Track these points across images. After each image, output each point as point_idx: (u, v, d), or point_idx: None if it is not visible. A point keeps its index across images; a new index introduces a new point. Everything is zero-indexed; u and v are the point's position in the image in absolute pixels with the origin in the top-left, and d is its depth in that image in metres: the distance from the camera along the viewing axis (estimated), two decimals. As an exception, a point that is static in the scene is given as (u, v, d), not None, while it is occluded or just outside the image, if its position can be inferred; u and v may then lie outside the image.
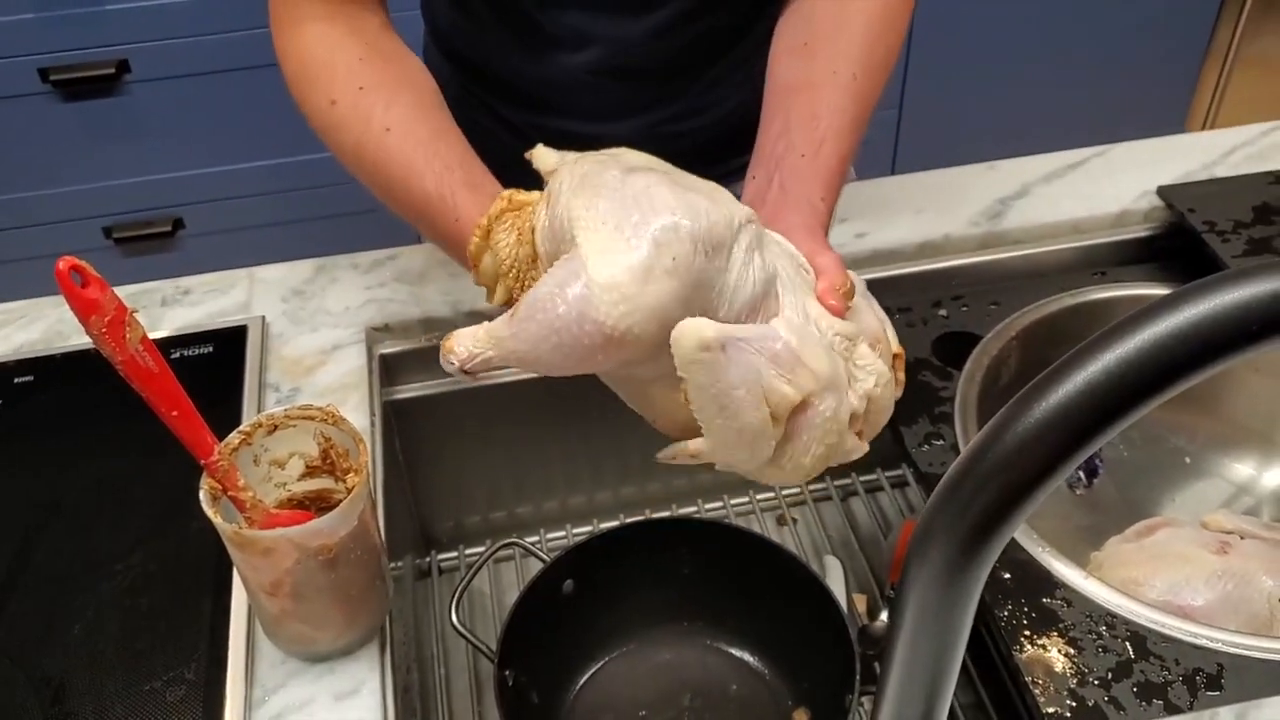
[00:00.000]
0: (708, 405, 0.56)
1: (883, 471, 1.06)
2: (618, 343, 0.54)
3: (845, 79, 0.76)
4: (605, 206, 0.56)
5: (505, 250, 0.63)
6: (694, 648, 0.90)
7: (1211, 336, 0.33)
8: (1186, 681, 0.68)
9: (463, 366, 0.58)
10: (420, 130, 0.73)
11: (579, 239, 0.55)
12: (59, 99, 1.82)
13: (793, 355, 0.56)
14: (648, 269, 0.53)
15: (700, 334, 0.54)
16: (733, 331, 0.55)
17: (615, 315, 0.53)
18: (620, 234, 0.54)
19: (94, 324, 0.56)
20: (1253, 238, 0.95)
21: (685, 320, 0.54)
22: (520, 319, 0.56)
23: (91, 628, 0.71)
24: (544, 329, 0.55)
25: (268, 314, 0.92)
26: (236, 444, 0.65)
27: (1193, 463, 0.98)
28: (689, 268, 0.54)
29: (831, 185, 0.71)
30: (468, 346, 0.58)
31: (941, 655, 0.41)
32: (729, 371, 0.55)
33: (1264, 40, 2.20)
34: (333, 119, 0.76)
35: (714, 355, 0.54)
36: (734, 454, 0.58)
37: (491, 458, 1.00)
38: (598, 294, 0.53)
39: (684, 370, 0.55)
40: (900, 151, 2.23)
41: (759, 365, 0.55)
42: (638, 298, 0.53)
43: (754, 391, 0.55)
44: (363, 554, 0.66)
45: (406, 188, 0.72)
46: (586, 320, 0.54)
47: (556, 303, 0.54)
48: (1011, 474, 0.35)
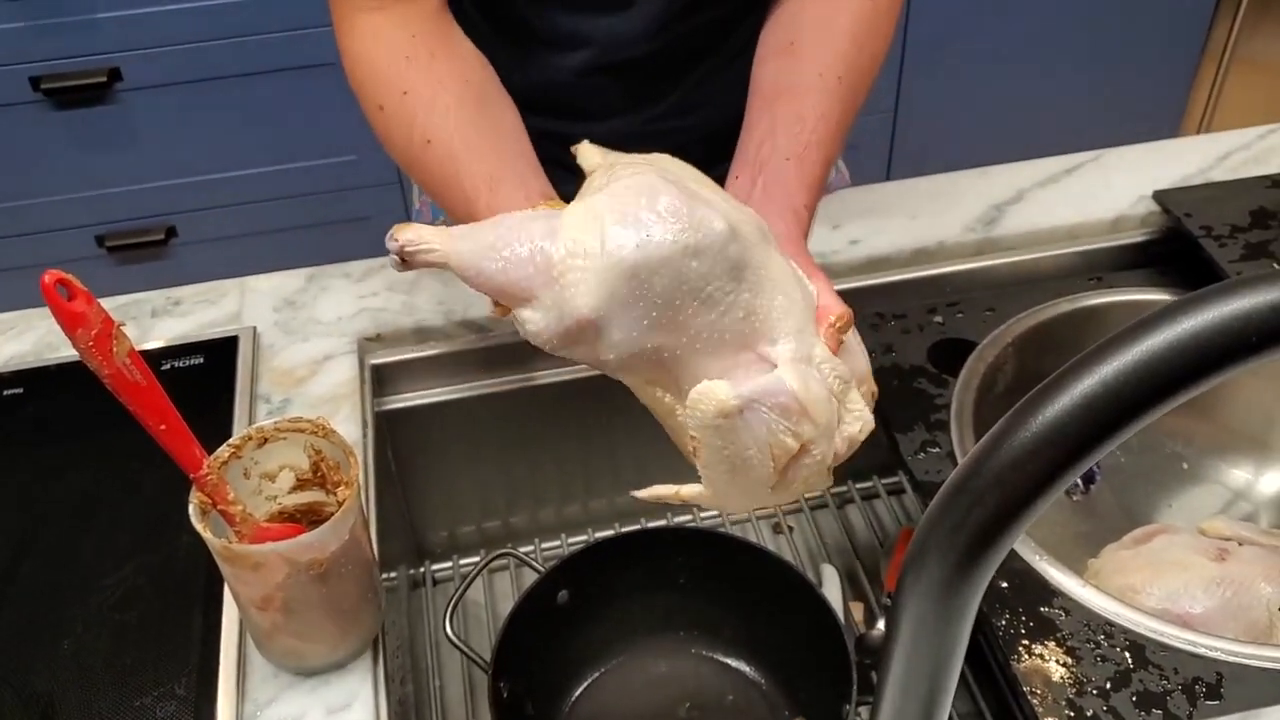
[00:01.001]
0: (718, 464, 0.56)
1: (879, 479, 1.06)
2: (556, 285, 0.54)
3: (831, 82, 0.75)
4: (624, 187, 0.56)
5: None
6: (690, 658, 0.90)
7: (1210, 348, 0.32)
8: (1186, 691, 0.68)
9: (402, 247, 0.58)
10: (455, 142, 0.73)
11: (584, 200, 0.56)
12: (50, 107, 1.81)
13: (798, 406, 0.55)
14: (618, 234, 0.53)
15: (721, 402, 0.54)
16: (750, 394, 0.55)
17: (565, 254, 0.54)
18: (618, 212, 0.54)
19: (80, 337, 0.55)
20: (1250, 242, 0.95)
21: (705, 384, 0.54)
22: (482, 226, 0.57)
23: (81, 643, 0.71)
24: (496, 244, 0.55)
25: (259, 324, 0.92)
26: (226, 457, 0.65)
27: (1190, 468, 0.98)
28: (672, 273, 0.54)
29: (814, 191, 0.71)
30: (416, 233, 0.58)
31: (938, 671, 0.41)
32: (744, 435, 0.55)
33: (1260, 42, 2.20)
34: (380, 124, 0.77)
35: (732, 422, 0.54)
36: (732, 501, 0.59)
37: (485, 467, 1.00)
38: (563, 232, 0.54)
39: (698, 433, 0.55)
40: (895, 156, 2.22)
41: (770, 423, 0.55)
42: (597, 257, 0.53)
43: (763, 449, 0.56)
44: (354, 567, 0.65)
45: (446, 196, 0.73)
46: (539, 252, 0.54)
47: (524, 232, 0.55)
48: (1007, 489, 0.34)
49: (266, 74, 1.85)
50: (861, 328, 0.92)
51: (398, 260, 0.58)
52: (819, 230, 0.99)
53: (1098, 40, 2.16)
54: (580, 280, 0.54)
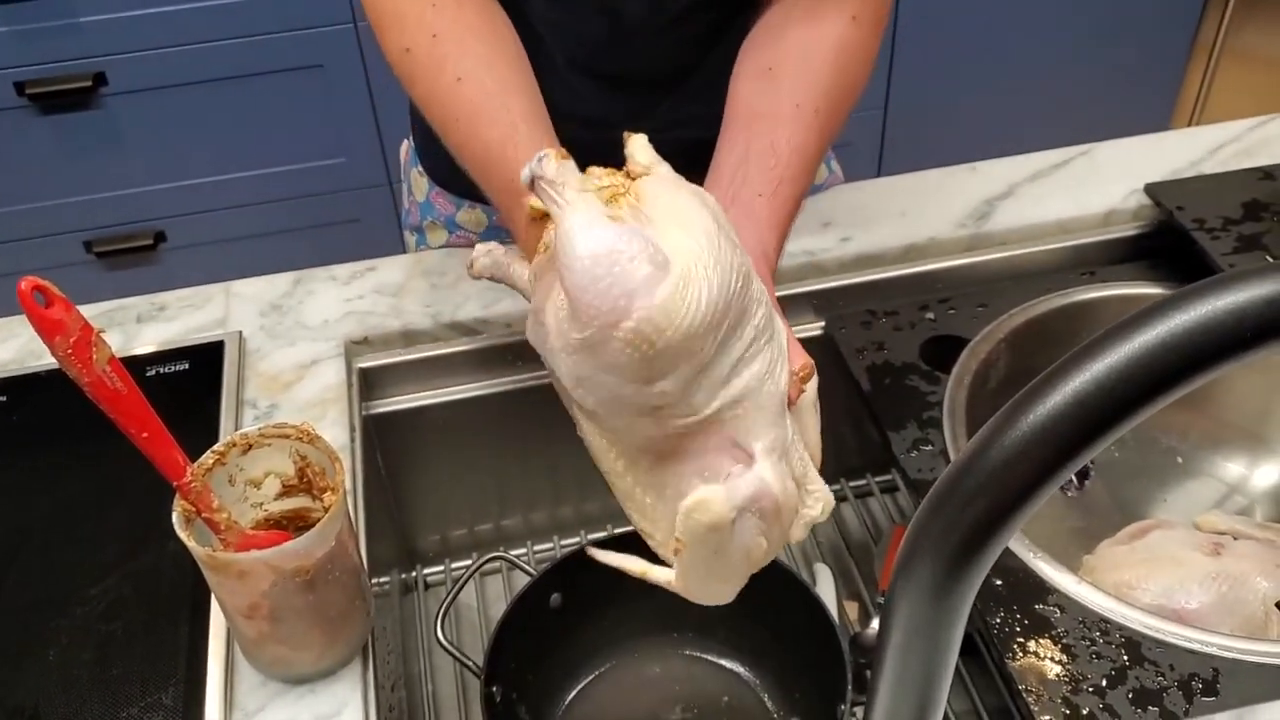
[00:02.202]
0: (697, 565, 0.57)
1: (872, 477, 1.05)
2: (614, 339, 0.51)
3: (808, 115, 0.75)
4: (696, 237, 0.54)
5: (599, 183, 0.59)
6: (684, 660, 0.89)
7: (1204, 344, 0.32)
8: (1182, 687, 0.67)
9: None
10: (490, 82, 0.72)
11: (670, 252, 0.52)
12: (36, 112, 1.80)
13: (776, 509, 0.56)
14: (706, 329, 0.52)
15: (719, 515, 0.54)
16: (742, 504, 0.54)
17: (643, 329, 0.51)
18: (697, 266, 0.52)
19: (59, 345, 0.54)
20: (1242, 234, 0.94)
21: (703, 493, 0.54)
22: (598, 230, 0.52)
23: (65, 654, 0.70)
24: (599, 266, 0.50)
25: (245, 329, 0.91)
26: (210, 464, 0.64)
27: (1184, 462, 0.98)
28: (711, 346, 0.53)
29: (783, 229, 0.71)
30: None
31: (931, 672, 0.40)
32: (732, 543, 0.55)
33: (1249, 35, 2.20)
34: (405, 67, 0.75)
35: (726, 533, 0.54)
36: (702, 594, 0.59)
37: (476, 470, 0.99)
38: (658, 305, 0.51)
39: (687, 537, 0.55)
40: (885, 153, 2.22)
41: (752, 528, 0.55)
42: (672, 342, 0.51)
43: (743, 553, 0.56)
44: (341, 574, 0.64)
45: (473, 135, 0.71)
46: (625, 298, 0.50)
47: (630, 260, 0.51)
48: (998, 489, 0.34)
49: (254, 76, 1.84)
50: (853, 325, 0.93)
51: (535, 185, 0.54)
52: (810, 228, 0.98)
53: (1088, 34, 2.16)
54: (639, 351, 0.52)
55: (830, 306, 0.97)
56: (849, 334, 0.93)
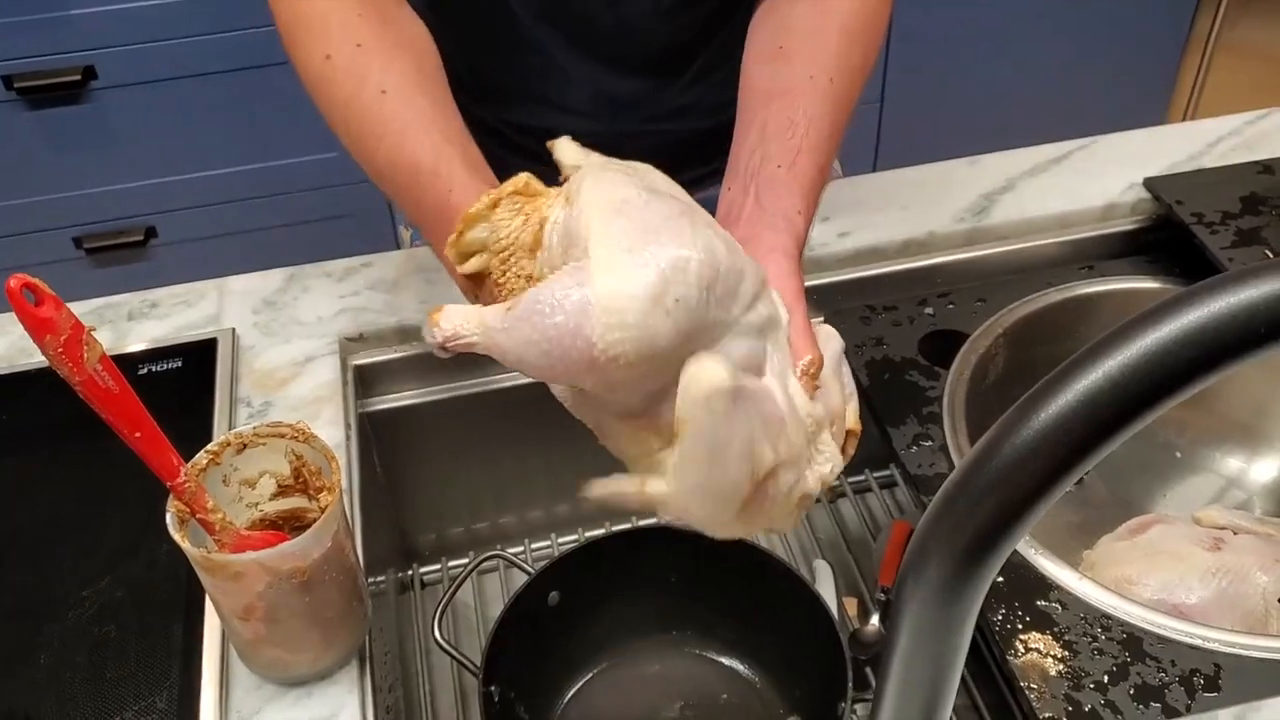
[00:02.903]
0: (699, 452, 0.54)
1: (871, 473, 1.04)
2: (602, 366, 0.53)
3: (822, 84, 0.73)
4: (624, 225, 0.54)
5: (506, 229, 0.60)
6: (683, 657, 0.88)
7: (1217, 340, 0.31)
8: (1184, 683, 0.67)
9: (444, 343, 0.57)
10: (419, 98, 0.70)
11: (593, 251, 0.53)
12: (24, 107, 1.79)
13: (780, 421, 0.54)
14: (653, 300, 0.52)
15: (719, 381, 0.52)
16: (746, 383, 0.53)
17: (609, 339, 0.52)
18: (633, 258, 0.52)
19: (49, 344, 0.53)
20: (1241, 228, 0.94)
21: (702, 360, 0.53)
22: (516, 316, 0.54)
23: (58, 658, 0.69)
24: (535, 333, 0.53)
25: (238, 326, 0.90)
26: (204, 464, 0.63)
27: (1183, 457, 0.97)
28: (690, 310, 0.53)
29: (809, 196, 0.69)
30: (455, 324, 0.57)
31: (938, 675, 0.40)
32: (731, 423, 0.53)
33: (1244, 29, 2.19)
34: (326, 73, 0.72)
35: (725, 404, 0.53)
36: (698, 507, 0.57)
37: (473, 467, 0.98)
38: (598, 314, 0.52)
39: (687, 412, 0.53)
40: (882, 147, 2.21)
41: (757, 423, 0.54)
42: (635, 328, 0.52)
43: (745, 449, 0.54)
44: (338, 574, 0.64)
45: (399, 151, 0.68)
46: (580, 336, 0.52)
47: (556, 311, 0.53)
48: (1008, 489, 0.33)
49: (244, 70, 1.83)
50: (852, 320, 0.93)
51: (440, 350, 0.58)
52: (806, 222, 0.98)
53: (1082, 28, 2.16)
54: (619, 352, 0.52)
55: (829, 301, 0.96)
56: (848, 329, 0.92)
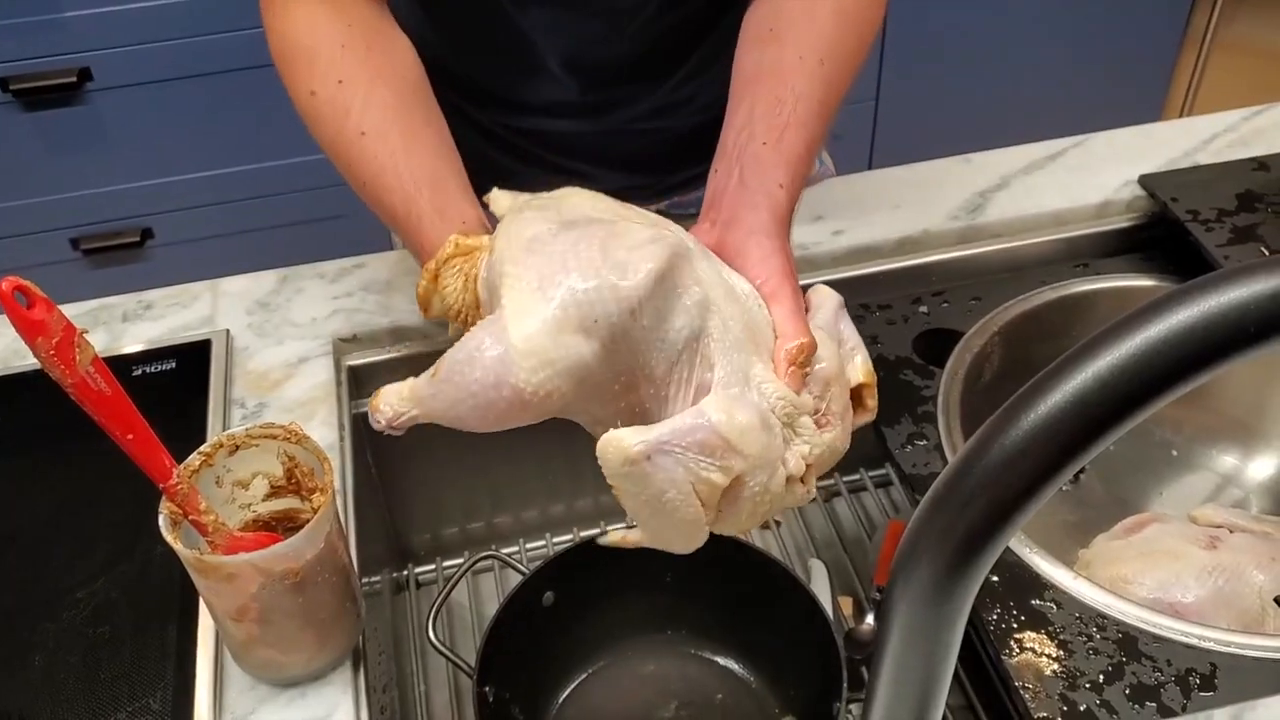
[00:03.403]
0: (640, 510, 0.56)
1: (866, 472, 1.04)
2: (537, 406, 0.54)
3: (812, 65, 0.73)
4: (532, 263, 0.56)
5: (452, 296, 0.63)
6: (678, 657, 0.88)
7: (1207, 340, 0.31)
8: (1179, 683, 0.67)
9: (389, 424, 0.59)
10: (394, 137, 0.71)
11: (504, 298, 0.55)
12: (20, 109, 1.79)
13: (721, 441, 0.54)
14: (566, 329, 0.53)
15: (624, 451, 0.53)
16: (657, 438, 0.54)
17: (535, 381, 0.54)
18: (542, 294, 0.54)
19: (41, 346, 0.53)
20: (1237, 226, 0.94)
21: (607, 435, 0.54)
22: (440, 380, 0.56)
23: (52, 658, 0.69)
24: (461, 391, 0.55)
25: (232, 327, 0.90)
26: (197, 466, 0.63)
27: (1179, 455, 0.97)
28: (610, 328, 0.54)
29: (795, 171, 0.68)
30: (393, 405, 0.59)
31: (930, 674, 0.40)
32: (657, 478, 0.54)
33: (1240, 26, 2.19)
34: (312, 110, 0.74)
35: (640, 468, 0.54)
36: (671, 542, 0.59)
37: (468, 467, 0.98)
38: (516, 359, 0.53)
39: (612, 481, 0.55)
40: (877, 145, 2.21)
41: (687, 463, 0.54)
42: (557, 362, 0.53)
43: (684, 490, 0.54)
44: (331, 575, 0.64)
45: (377, 199, 0.71)
46: (504, 385, 0.54)
47: (474, 366, 0.54)
48: (999, 489, 0.33)
49: (240, 71, 1.82)
50: (846, 319, 0.92)
51: (391, 430, 0.60)
52: (802, 222, 0.98)
53: (1078, 25, 2.15)
54: (550, 389, 0.54)
55: (823, 300, 0.96)
56: (842, 328, 0.92)
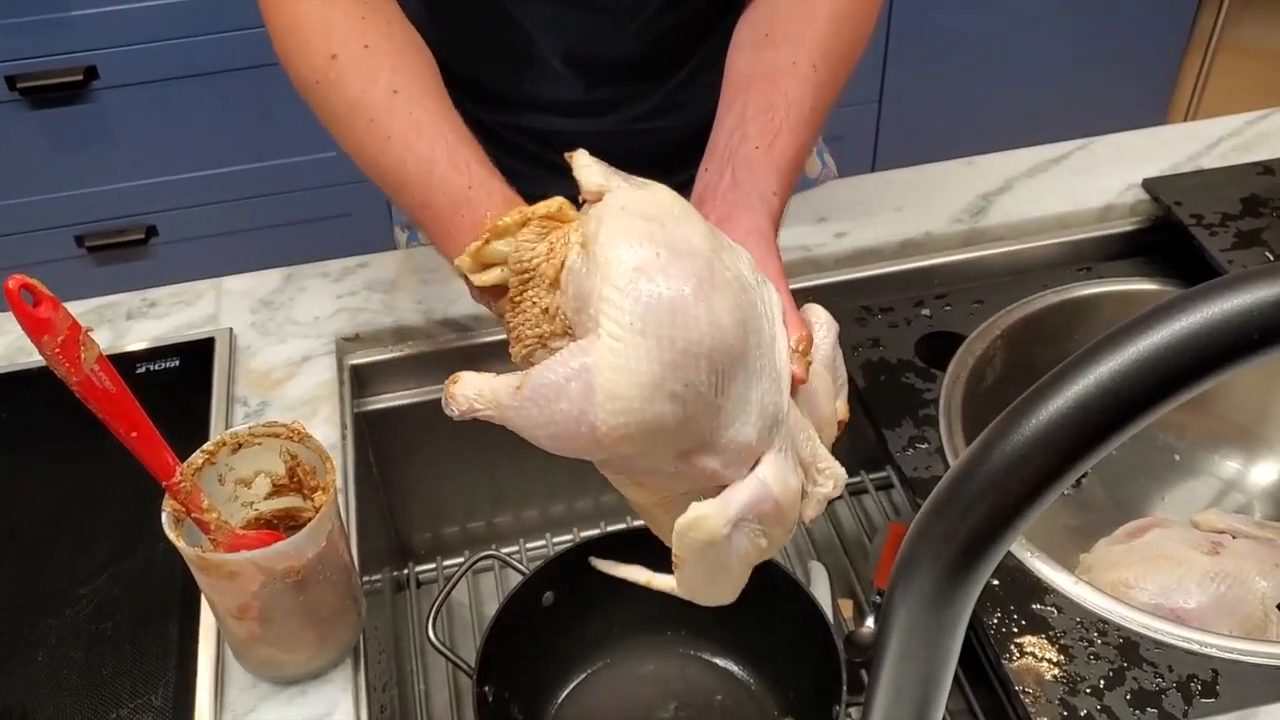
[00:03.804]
0: (697, 576, 0.56)
1: (866, 474, 1.04)
2: (608, 448, 0.54)
3: (805, 70, 0.73)
4: (637, 298, 0.53)
5: (530, 253, 0.58)
6: (677, 658, 0.88)
7: (1210, 347, 0.31)
8: (1181, 689, 0.67)
9: (461, 414, 0.58)
10: (430, 100, 0.69)
11: (602, 327, 0.53)
12: (27, 107, 1.79)
13: (778, 512, 0.55)
14: (656, 388, 0.52)
15: (713, 532, 0.53)
16: (738, 515, 0.54)
17: (613, 425, 0.53)
18: (643, 340, 0.52)
19: (47, 344, 0.53)
20: (1241, 230, 0.94)
21: (692, 512, 0.54)
22: (525, 397, 0.55)
23: (55, 654, 0.69)
24: (543, 417, 0.54)
25: (235, 325, 0.90)
26: (200, 464, 0.63)
27: (1182, 460, 0.97)
28: (700, 395, 0.53)
29: (786, 177, 0.69)
30: (470, 399, 0.58)
31: (930, 680, 0.40)
32: (729, 554, 0.55)
33: (1246, 28, 2.19)
34: (332, 73, 0.71)
35: (721, 545, 0.54)
36: (705, 598, 0.59)
37: (469, 467, 0.98)
38: (602, 401, 0.53)
39: (684, 552, 0.55)
40: (880, 148, 2.21)
41: (752, 534, 0.55)
42: (640, 413, 0.52)
43: (745, 560, 0.56)
44: (332, 574, 0.64)
45: (411, 149, 0.67)
46: (584, 422, 0.53)
47: (561, 397, 0.54)
48: (1000, 495, 0.33)
49: (245, 70, 1.82)
50: (847, 322, 0.92)
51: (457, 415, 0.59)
52: (804, 224, 0.98)
53: (1083, 27, 2.15)
54: (625, 435, 0.53)
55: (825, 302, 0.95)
56: (844, 330, 0.91)
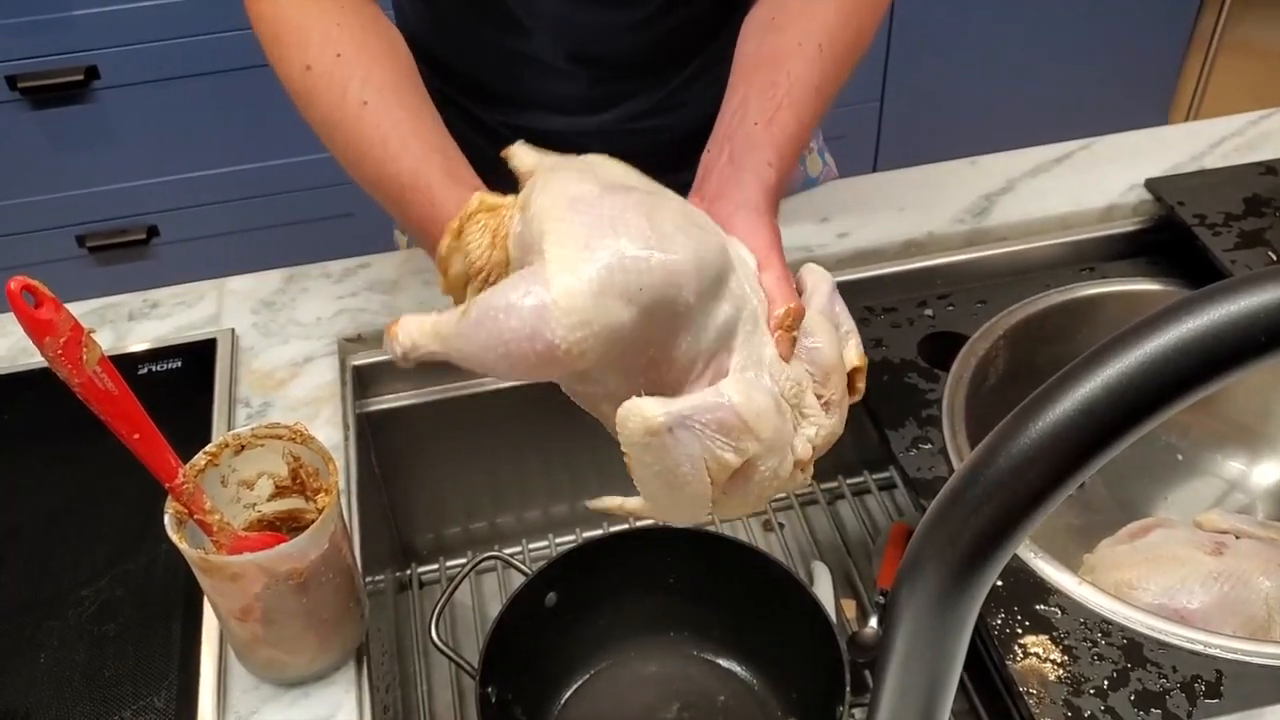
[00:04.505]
0: (650, 481, 0.55)
1: (870, 475, 1.04)
2: (567, 362, 0.53)
3: (811, 50, 0.72)
4: (579, 222, 0.54)
5: (478, 252, 0.60)
6: (681, 659, 0.88)
7: (1217, 349, 0.31)
8: (1185, 690, 0.66)
9: (404, 354, 0.58)
10: (397, 109, 0.70)
11: (547, 252, 0.54)
12: (28, 106, 1.79)
13: (739, 422, 0.54)
14: (610, 292, 0.52)
15: (647, 420, 0.53)
16: (680, 410, 0.53)
17: (571, 337, 0.52)
18: (589, 252, 0.53)
19: (49, 346, 0.53)
20: (1244, 230, 0.94)
21: (630, 402, 0.53)
22: (471, 321, 0.54)
23: (58, 656, 0.69)
24: (493, 338, 0.53)
25: (237, 326, 0.90)
26: (202, 465, 0.63)
27: (1185, 460, 0.97)
28: (653, 298, 0.53)
29: (785, 150, 0.68)
30: (412, 336, 0.57)
31: (935, 683, 0.40)
32: (674, 451, 0.54)
33: (1248, 27, 2.19)
34: (306, 85, 0.73)
35: (660, 439, 0.53)
36: (673, 515, 0.58)
37: (471, 467, 0.98)
38: (556, 314, 0.52)
39: (628, 449, 0.54)
40: (882, 148, 2.21)
41: (704, 439, 0.54)
42: (596, 321, 0.52)
43: (698, 466, 0.54)
44: (335, 576, 0.64)
45: (381, 168, 0.69)
46: (539, 338, 0.53)
47: (510, 315, 0.53)
48: (1006, 498, 0.33)
49: (246, 70, 1.82)
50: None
51: (404, 361, 0.58)
52: (807, 224, 0.97)
53: (1084, 27, 2.15)
54: (584, 349, 0.53)
55: (828, 303, 0.96)
56: (847, 331, 0.92)
